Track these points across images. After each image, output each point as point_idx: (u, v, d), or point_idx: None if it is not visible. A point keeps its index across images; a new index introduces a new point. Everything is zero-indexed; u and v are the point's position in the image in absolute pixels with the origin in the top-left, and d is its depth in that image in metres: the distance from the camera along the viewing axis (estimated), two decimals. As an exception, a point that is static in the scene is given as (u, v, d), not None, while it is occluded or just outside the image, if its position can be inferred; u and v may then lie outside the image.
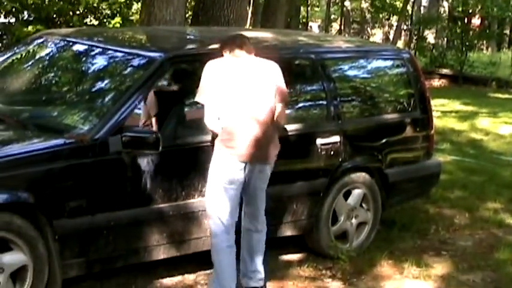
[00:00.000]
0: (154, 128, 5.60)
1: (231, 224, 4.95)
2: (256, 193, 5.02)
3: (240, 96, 4.86)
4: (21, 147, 4.66)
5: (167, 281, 5.34)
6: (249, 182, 4.95)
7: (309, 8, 31.51)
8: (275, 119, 4.98)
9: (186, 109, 5.59)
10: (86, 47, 5.77)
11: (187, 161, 5.10)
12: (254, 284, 5.14)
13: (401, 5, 26.18)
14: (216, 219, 4.92)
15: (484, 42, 30.41)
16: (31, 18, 13.30)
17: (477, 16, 26.84)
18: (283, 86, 5.03)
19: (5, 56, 6.26)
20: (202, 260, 5.43)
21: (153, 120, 5.75)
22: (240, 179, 4.89)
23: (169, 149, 4.95)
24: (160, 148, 4.74)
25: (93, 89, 5.43)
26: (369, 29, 38.28)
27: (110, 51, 5.60)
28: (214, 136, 4.93)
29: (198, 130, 5.28)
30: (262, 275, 5.17)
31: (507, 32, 30.48)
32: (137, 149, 4.75)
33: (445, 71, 21.93)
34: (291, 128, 5.50)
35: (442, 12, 29.97)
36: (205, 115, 4.89)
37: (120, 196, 4.82)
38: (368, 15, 36.07)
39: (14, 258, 4.46)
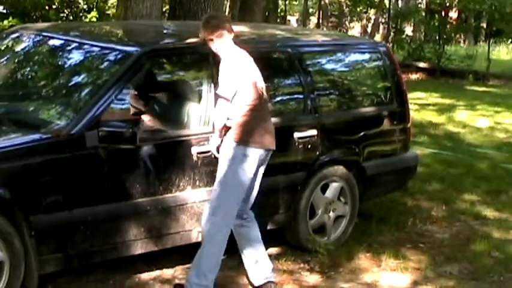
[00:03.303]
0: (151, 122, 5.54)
1: (238, 215, 5.03)
2: (257, 181, 5.07)
3: (258, 88, 4.98)
4: (-3, 143, 4.63)
5: (145, 275, 5.33)
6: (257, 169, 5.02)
7: (287, 2, 31.49)
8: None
9: (163, 103, 5.59)
10: (62, 41, 5.74)
11: (165, 156, 5.08)
12: (263, 279, 5.16)
13: (379, -2, 26.28)
14: (229, 209, 4.95)
15: (461, 35, 30.57)
16: (6, 12, 13.20)
17: (454, 9, 26.96)
18: None
19: (-20, 51, 6.20)
20: (181, 255, 5.44)
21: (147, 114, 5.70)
22: (256, 167, 4.98)
23: (147, 144, 4.95)
24: (137, 143, 4.73)
25: (70, 84, 5.40)
26: (347, 22, 38.29)
27: (86, 46, 5.58)
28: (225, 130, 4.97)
29: (177, 124, 5.28)
30: (266, 266, 5.18)
31: (484, 25, 30.56)
32: (114, 143, 4.73)
33: (422, 64, 21.98)
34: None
35: (419, 5, 30.08)
36: (220, 107, 4.92)
37: (97, 191, 4.80)
38: (346, 9, 36.08)
39: (-10, 254, 4.43)
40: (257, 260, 5.18)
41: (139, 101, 5.75)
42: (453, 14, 27.29)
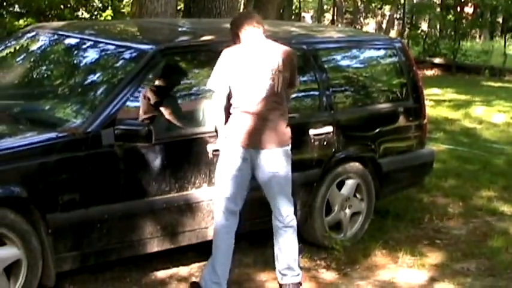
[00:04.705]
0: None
1: (230, 212, 4.96)
2: (269, 183, 5.02)
3: (246, 82, 4.91)
4: (13, 141, 4.64)
5: (161, 273, 5.33)
6: (257, 169, 4.97)
7: (301, -1, 31.46)
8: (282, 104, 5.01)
9: (179, 101, 5.59)
10: (78, 40, 5.75)
11: (181, 153, 5.09)
12: (288, 281, 5.13)
13: (393, -6, 26.20)
14: (218, 205, 4.95)
15: (477, 30, 30.42)
16: (22, 12, 13.26)
17: (470, 4, 26.82)
18: (288, 72, 5.02)
19: (-4, 50, 6.23)
20: (197, 253, 5.45)
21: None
22: (242, 166, 4.91)
23: (163, 142, 4.96)
24: (153, 141, 4.74)
25: (85, 82, 5.41)
26: (361, 18, 38.20)
27: (101, 44, 5.59)
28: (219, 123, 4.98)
29: (192, 122, 5.29)
30: (295, 272, 5.14)
31: (500, 20, 30.45)
32: (130, 141, 4.75)
33: (438, 60, 21.92)
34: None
35: (434, 0, 29.96)
36: (213, 101, 4.95)
37: (113, 189, 4.81)
38: (361, 5, 36.00)
39: (7, 252, 4.46)
40: (285, 265, 5.13)
41: (154, 98, 5.75)
42: (469, 9, 27.13)
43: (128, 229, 4.91)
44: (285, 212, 5.07)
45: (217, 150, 5.11)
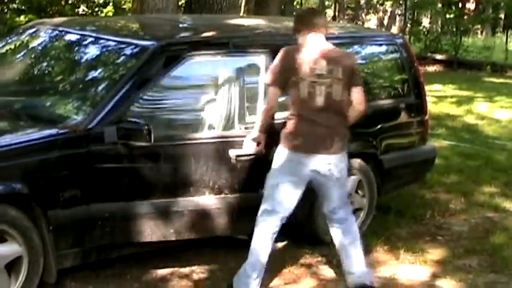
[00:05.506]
0: None
1: (273, 213, 4.91)
2: (328, 188, 5.00)
3: (306, 87, 4.86)
4: (14, 138, 4.65)
5: (162, 271, 5.32)
6: (316, 175, 4.92)
7: (302, -5, 31.43)
8: (344, 109, 4.98)
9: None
10: (79, 36, 5.74)
11: (183, 155, 5.06)
12: (358, 282, 5.10)
13: (395, -10, 26.16)
14: (263, 205, 4.92)
15: (479, 26, 30.36)
16: (23, 8, 13.25)
17: (471, 0, 26.78)
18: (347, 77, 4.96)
19: (-3, 47, 6.23)
20: (198, 250, 5.44)
21: None
22: (298, 171, 4.87)
23: (165, 142, 4.94)
24: (152, 140, 4.71)
25: (86, 79, 5.40)
26: (363, 14, 38.18)
27: (102, 41, 5.58)
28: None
29: (195, 123, 5.25)
30: (361, 269, 5.12)
31: (502, 16, 30.38)
32: (129, 140, 4.72)
33: (439, 56, 21.87)
34: (285, 115, 5.46)
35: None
36: (267, 98, 4.99)
37: (115, 186, 4.80)
38: (362, 1, 35.98)
39: (9, 249, 4.45)
40: (350, 265, 5.12)
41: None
42: (470, 5, 27.10)
43: (129, 227, 4.89)
44: (342, 211, 5.09)
45: (240, 156, 5.09)
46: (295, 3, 26.86)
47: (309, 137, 4.87)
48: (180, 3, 12.97)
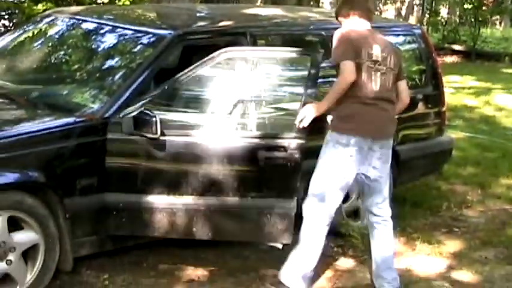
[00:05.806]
0: None
1: (328, 208, 4.86)
2: (379, 174, 4.92)
3: (365, 68, 4.76)
4: (31, 126, 4.66)
5: (178, 259, 5.33)
6: (370, 159, 4.84)
7: (320, -15, 31.30)
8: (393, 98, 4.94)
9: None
10: (96, 25, 5.76)
11: (197, 148, 4.92)
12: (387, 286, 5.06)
13: (413, -20, 25.99)
14: (313, 197, 4.84)
15: (498, 17, 30.15)
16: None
17: (490, -9, 26.60)
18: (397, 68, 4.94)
19: (15, 35, 6.24)
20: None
21: None
22: (355, 155, 4.74)
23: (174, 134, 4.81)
24: (158, 132, 4.61)
25: (103, 68, 5.42)
26: (380, 5, 37.96)
27: (119, 29, 5.58)
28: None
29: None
30: (394, 274, 5.07)
31: (521, 6, 30.16)
32: (139, 130, 4.64)
33: (457, 47, 21.74)
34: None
35: (455, -13, 29.70)
36: (342, 76, 4.69)
37: (131, 175, 4.80)
38: (380, -9, 35.76)
39: (25, 237, 4.48)
40: (388, 263, 5.07)
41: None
42: (489, -4, 26.91)
43: (145, 216, 4.86)
44: (385, 205, 5.05)
45: (269, 159, 4.91)
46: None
47: (375, 122, 4.77)
48: (197, -7, 12.95)
